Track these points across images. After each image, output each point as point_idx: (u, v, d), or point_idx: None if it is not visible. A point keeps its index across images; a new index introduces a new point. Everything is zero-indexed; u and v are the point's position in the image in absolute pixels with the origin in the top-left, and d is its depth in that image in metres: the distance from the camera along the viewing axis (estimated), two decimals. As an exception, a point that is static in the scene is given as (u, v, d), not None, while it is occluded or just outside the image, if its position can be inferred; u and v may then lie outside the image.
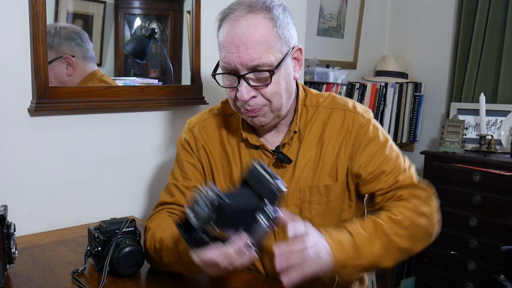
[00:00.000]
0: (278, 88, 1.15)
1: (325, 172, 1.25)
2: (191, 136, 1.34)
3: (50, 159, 1.57)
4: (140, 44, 1.84)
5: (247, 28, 1.11)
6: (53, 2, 1.59)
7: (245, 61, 1.11)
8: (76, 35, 1.66)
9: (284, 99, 1.18)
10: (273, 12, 1.14)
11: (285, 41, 1.15)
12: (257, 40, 1.10)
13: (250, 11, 1.12)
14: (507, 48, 2.58)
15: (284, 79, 1.17)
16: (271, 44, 1.12)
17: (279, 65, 1.13)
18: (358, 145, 1.24)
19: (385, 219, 1.15)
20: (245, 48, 1.10)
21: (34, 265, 1.28)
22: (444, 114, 2.94)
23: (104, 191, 1.70)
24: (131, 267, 1.18)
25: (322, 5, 2.81)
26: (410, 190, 1.22)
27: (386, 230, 1.12)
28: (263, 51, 1.11)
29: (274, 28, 1.13)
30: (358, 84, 2.68)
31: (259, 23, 1.12)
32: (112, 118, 1.69)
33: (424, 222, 1.17)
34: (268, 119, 1.20)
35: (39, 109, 1.48)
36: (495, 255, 2.27)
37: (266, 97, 1.15)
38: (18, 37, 1.46)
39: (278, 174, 1.24)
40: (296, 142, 1.27)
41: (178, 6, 1.93)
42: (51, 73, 1.51)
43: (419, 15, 3.05)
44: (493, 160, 2.32)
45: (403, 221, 1.15)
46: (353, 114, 1.26)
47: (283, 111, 1.21)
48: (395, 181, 1.22)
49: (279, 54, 1.14)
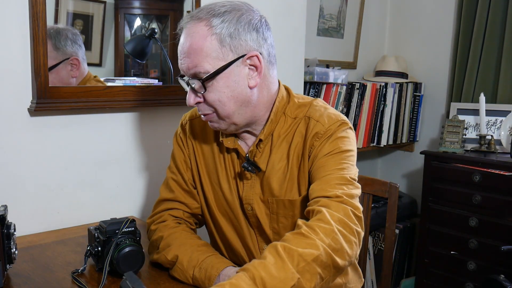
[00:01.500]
0: (219, 96, 1.14)
1: (291, 186, 1.22)
2: (183, 131, 1.38)
3: (50, 159, 1.57)
4: (140, 44, 1.84)
5: (186, 37, 1.14)
6: (53, 2, 1.59)
7: (185, 69, 1.15)
8: (77, 36, 1.67)
9: (231, 107, 1.15)
10: (215, 19, 1.12)
11: (230, 48, 1.12)
12: (193, 49, 1.12)
13: (192, 20, 1.14)
14: (507, 48, 2.58)
15: (229, 87, 1.14)
16: (207, 52, 1.11)
17: (218, 73, 1.12)
18: (313, 156, 1.18)
19: (289, 236, 1.02)
20: (185, 57, 1.14)
21: (34, 265, 1.28)
22: (444, 114, 2.94)
23: (104, 191, 1.70)
24: (131, 267, 1.18)
25: (322, 5, 2.81)
26: (317, 200, 1.10)
27: (292, 247, 0.98)
28: (198, 60, 1.12)
29: (213, 36, 1.11)
30: (358, 84, 2.68)
31: (198, 31, 1.12)
32: (112, 118, 1.69)
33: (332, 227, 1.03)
34: (222, 125, 1.20)
35: (39, 109, 1.48)
36: (495, 255, 2.27)
37: (209, 104, 1.16)
38: (18, 37, 1.46)
39: (251, 180, 1.25)
40: (268, 150, 1.24)
41: (178, 6, 1.93)
42: (57, 76, 1.52)
43: (419, 15, 3.05)
44: (493, 160, 2.32)
45: (310, 231, 1.01)
46: (315, 122, 1.20)
47: (236, 118, 1.18)
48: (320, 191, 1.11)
49: (220, 62, 1.12)
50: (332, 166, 1.15)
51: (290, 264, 0.95)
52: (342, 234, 1.03)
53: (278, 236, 1.23)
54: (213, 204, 1.32)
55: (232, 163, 1.28)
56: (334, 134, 1.19)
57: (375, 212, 2.65)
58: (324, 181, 1.13)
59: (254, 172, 1.23)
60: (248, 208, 1.26)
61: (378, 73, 2.98)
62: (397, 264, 2.85)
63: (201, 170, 1.33)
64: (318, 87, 2.54)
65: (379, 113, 2.77)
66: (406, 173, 3.12)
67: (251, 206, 1.25)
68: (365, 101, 2.71)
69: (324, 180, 1.13)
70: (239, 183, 1.27)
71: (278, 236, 1.24)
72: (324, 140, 1.18)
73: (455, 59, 2.81)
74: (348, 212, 1.07)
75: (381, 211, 2.66)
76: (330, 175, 1.14)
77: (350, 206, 1.08)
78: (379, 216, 2.63)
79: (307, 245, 0.98)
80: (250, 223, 1.29)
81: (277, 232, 1.25)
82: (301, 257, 0.96)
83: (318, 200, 1.10)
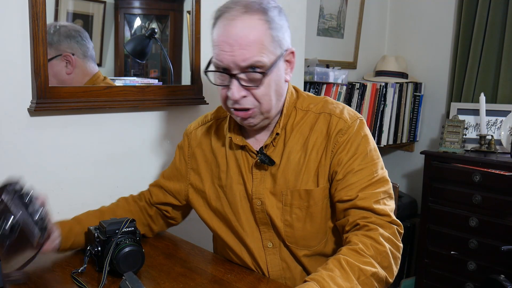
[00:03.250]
0: (268, 90, 1.16)
1: (307, 177, 1.24)
2: (185, 143, 1.43)
3: (50, 159, 1.57)
4: (140, 44, 1.84)
5: (242, 29, 1.12)
6: (53, 2, 1.59)
7: (238, 61, 1.12)
8: (76, 33, 1.65)
9: (273, 101, 1.19)
10: (268, 14, 1.14)
11: (278, 43, 1.16)
12: (251, 41, 1.11)
13: (246, 12, 1.13)
14: (507, 48, 2.58)
15: (275, 81, 1.17)
16: (264, 45, 1.13)
17: (272, 66, 1.14)
18: (336, 151, 1.22)
19: (346, 251, 1.09)
20: (239, 48, 1.11)
21: (34, 265, 1.28)
22: (444, 114, 2.94)
23: (104, 191, 1.70)
24: (131, 267, 1.18)
25: (322, 5, 2.81)
26: (365, 215, 1.15)
27: (353, 262, 1.06)
28: (257, 52, 1.12)
29: (269, 30, 1.14)
30: (358, 84, 2.68)
31: (255, 24, 1.12)
32: (112, 118, 1.69)
33: (385, 248, 1.11)
34: (257, 120, 1.21)
35: (39, 109, 1.48)
36: (495, 255, 2.27)
37: (257, 98, 1.16)
38: (18, 37, 1.46)
39: (261, 175, 1.27)
40: (281, 144, 1.26)
41: (178, 6, 1.93)
42: (50, 72, 1.50)
43: (419, 15, 3.05)
44: (493, 160, 2.32)
45: (365, 249, 1.09)
46: (338, 119, 1.24)
47: (272, 113, 1.22)
48: (356, 196, 1.16)
49: (272, 56, 1.15)
50: (368, 171, 1.19)
51: (353, 276, 1.03)
52: (391, 252, 1.12)
53: (290, 229, 1.25)
54: (215, 209, 1.35)
55: (240, 161, 1.29)
56: (358, 132, 1.23)
57: (375, 212, 2.65)
58: (368, 190, 1.17)
59: (270, 165, 1.24)
60: (257, 203, 1.27)
61: (378, 73, 2.98)
62: (397, 264, 2.85)
63: (205, 179, 1.36)
64: (318, 87, 2.54)
65: (379, 113, 2.77)
66: (406, 173, 3.12)
67: (261, 200, 1.26)
68: (365, 101, 2.71)
69: (368, 189, 1.17)
70: (247, 179, 1.28)
71: (290, 228, 1.25)
72: (349, 138, 1.21)
73: (455, 59, 2.81)
74: (395, 231, 1.16)
75: (381, 211, 2.66)
76: (371, 185, 1.18)
77: (396, 225, 1.17)
78: (379, 216, 2.63)
79: (364, 263, 1.06)
80: (256, 220, 1.29)
81: (289, 224, 1.25)
82: (362, 272, 1.04)
83: (367, 215, 1.14)
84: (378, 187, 1.18)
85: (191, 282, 1.21)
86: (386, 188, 1.20)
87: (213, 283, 1.21)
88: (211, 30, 1.20)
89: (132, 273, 1.03)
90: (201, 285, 1.20)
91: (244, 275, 1.25)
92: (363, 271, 1.04)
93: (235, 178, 1.30)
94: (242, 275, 1.25)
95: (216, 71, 1.17)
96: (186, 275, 1.24)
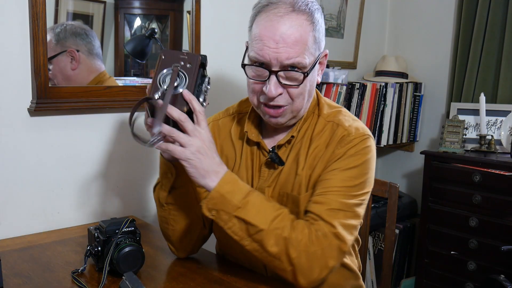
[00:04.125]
0: (304, 90, 1.17)
1: (303, 184, 1.23)
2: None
3: (50, 159, 1.57)
4: (140, 44, 1.84)
5: (290, 28, 1.12)
6: (53, 2, 1.59)
7: (282, 58, 1.12)
8: (82, 30, 1.67)
9: (305, 101, 1.20)
10: (314, 16, 1.16)
11: (318, 45, 1.18)
12: (297, 40, 1.12)
13: (295, 11, 1.13)
14: (507, 48, 2.58)
15: (311, 82, 1.19)
16: (308, 46, 1.14)
17: (312, 67, 1.16)
18: (331, 161, 1.19)
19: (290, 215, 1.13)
20: (284, 46, 1.11)
21: (34, 265, 1.28)
22: (444, 114, 2.94)
23: (104, 191, 1.70)
24: (131, 267, 1.18)
25: (322, 5, 2.81)
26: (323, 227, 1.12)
27: (284, 219, 1.10)
28: (301, 52, 1.13)
29: (313, 31, 1.15)
30: (358, 84, 2.68)
31: (302, 24, 1.13)
32: (112, 118, 1.69)
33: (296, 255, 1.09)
34: (285, 119, 1.21)
35: (39, 109, 1.48)
36: (495, 255, 2.27)
37: (292, 97, 1.17)
38: (18, 37, 1.46)
39: (268, 174, 1.26)
40: (291, 147, 1.26)
41: (178, 6, 1.93)
42: (56, 67, 1.52)
43: (419, 15, 3.04)
44: (493, 160, 2.32)
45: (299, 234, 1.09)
46: (343, 130, 1.22)
47: (301, 113, 1.23)
48: (320, 211, 1.13)
49: (312, 57, 1.16)
50: (341, 183, 1.16)
51: (274, 213, 1.10)
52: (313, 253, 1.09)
53: None
54: None
55: (252, 156, 1.29)
56: (357, 146, 1.19)
57: (375, 212, 2.65)
58: (327, 200, 1.14)
59: (279, 164, 1.24)
60: None
61: (378, 73, 2.97)
62: (397, 264, 2.85)
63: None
64: (318, 87, 2.54)
65: (379, 113, 2.77)
66: (406, 173, 3.12)
67: None
68: (365, 101, 2.71)
69: (328, 198, 1.14)
70: (255, 174, 1.28)
71: None
72: (346, 151, 1.18)
73: (455, 59, 2.81)
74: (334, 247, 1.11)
75: (381, 211, 2.66)
76: (335, 194, 1.15)
77: (339, 240, 1.12)
78: (379, 216, 2.63)
79: (288, 228, 1.10)
80: None
81: None
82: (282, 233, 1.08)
83: (317, 217, 1.13)
84: (348, 218, 1.14)
85: (191, 282, 1.21)
86: (355, 223, 1.17)
87: (213, 283, 1.21)
88: (250, 22, 1.19)
89: (132, 273, 1.02)
90: (201, 285, 1.20)
91: (244, 275, 1.25)
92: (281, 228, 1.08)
93: (244, 173, 1.29)
94: (242, 275, 1.25)
95: (256, 66, 1.16)
96: (186, 275, 1.24)
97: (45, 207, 1.58)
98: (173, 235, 1.28)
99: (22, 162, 1.52)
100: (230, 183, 1.09)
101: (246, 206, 1.09)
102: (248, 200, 1.09)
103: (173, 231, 1.27)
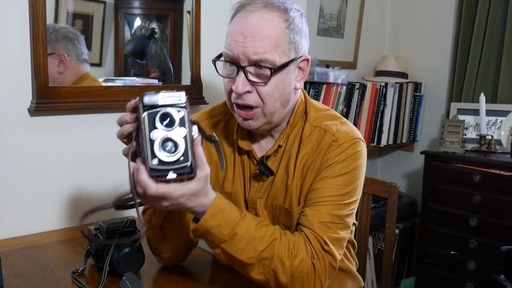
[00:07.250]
0: (274, 91, 1.10)
1: (294, 196, 1.20)
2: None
3: (50, 159, 1.57)
4: (140, 44, 1.84)
5: (259, 21, 1.07)
6: (53, 2, 1.59)
7: (249, 53, 1.07)
8: (74, 35, 1.66)
9: (278, 104, 1.13)
10: (289, 14, 1.11)
11: (294, 46, 1.12)
12: (266, 35, 1.07)
13: (267, 7, 1.10)
14: (507, 48, 2.58)
15: (283, 84, 1.12)
16: (279, 44, 1.08)
17: (282, 67, 1.10)
18: (321, 169, 1.17)
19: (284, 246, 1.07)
20: (252, 40, 1.06)
21: (34, 265, 1.28)
22: (444, 114, 2.94)
23: (104, 191, 1.70)
24: (131, 267, 1.18)
25: (322, 5, 2.81)
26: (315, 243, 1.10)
27: (274, 247, 1.06)
28: (269, 48, 1.07)
29: (287, 30, 1.10)
30: (358, 84, 2.68)
31: (273, 20, 1.09)
32: (112, 118, 1.68)
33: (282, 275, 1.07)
34: (258, 123, 1.15)
35: (39, 109, 1.48)
36: (495, 255, 2.27)
37: (261, 97, 1.11)
38: (18, 37, 1.46)
39: (258, 185, 1.23)
40: (280, 156, 1.22)
41: (178, 6, 1.93)
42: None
43: (419, 15, 3.05)
44: (493, 160, 2.32)
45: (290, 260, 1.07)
46: (331, 136, 1.18)
47: (275, 117, 1.15)
48: (312, 225, 1.12)
49: (285, 57, 1.10)
50: (332, 192, 1.14)
51: (262, 245, 1.05)
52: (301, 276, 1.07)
53: None
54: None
55: (243, 165, 1.25)
56: (347, 151, 1.17)
57: (375, 212, 2.65)
58: (319, 212, 1.12)
59: (269, 176, 1.21)
60: (252, 212, 1.24)
61: (378, 73, 2.98)
62: (397, 264, 2.85)
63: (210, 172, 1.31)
64: (318, 87, 2.54)
65: (379, 113, 2.77)
66: (406, 173, 3.12)
67: (255, 210, 1.23)
68: (365, 101, 2.71)
69: (320, 211, 1.13)
70: (246, 185, 1.25)
71: None
72: (335, 157, 1.16)
73: (455, 59, 2.81)
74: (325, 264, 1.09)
75: (381, 211, 2.66)
76: (327, 205, 1.13)
77: (331, 257, 1.10)
78: (379, 216, 2.63)
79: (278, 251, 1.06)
80: None
81: None
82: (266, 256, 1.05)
83: (311, 232, 1.11)
84: (339, 229, 1.13)
85: (191, 282, 1.21)
86: (345, 235, 1.16)
87: (213, 283, 1.21)
88: (228, 23, 1.15)
89: (132, 273, 1.02)
90: (201, 285, 1.20)
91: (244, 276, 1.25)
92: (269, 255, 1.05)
93: (239, 184, 1.25)
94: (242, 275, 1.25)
95: (224, 61, 1.13)
96: (186, 275, 1.24)
97: (45, 207, 1.58)
98: (164, 252, 1.24)
99: (22, 162, 1.52)
100: (217, 216, 1.02)
101: (233, 239, 1.04)
102: (235, 233, 1.04)
103: (166, 249, 1.23)
